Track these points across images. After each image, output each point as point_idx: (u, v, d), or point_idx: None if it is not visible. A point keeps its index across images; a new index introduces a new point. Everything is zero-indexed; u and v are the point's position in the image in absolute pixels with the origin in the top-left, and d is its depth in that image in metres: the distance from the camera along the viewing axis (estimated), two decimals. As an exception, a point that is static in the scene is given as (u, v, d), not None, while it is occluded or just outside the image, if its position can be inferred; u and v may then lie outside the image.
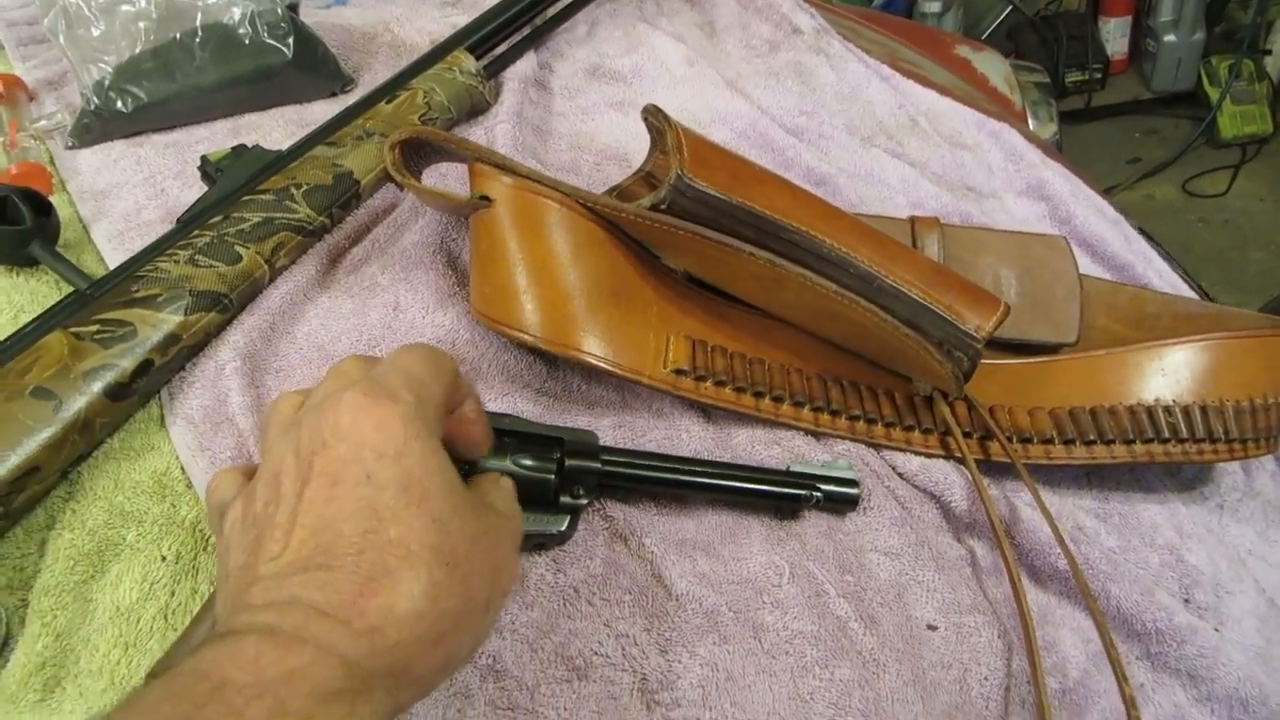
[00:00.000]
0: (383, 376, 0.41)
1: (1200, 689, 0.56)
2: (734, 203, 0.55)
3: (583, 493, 0.51)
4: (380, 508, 0.37)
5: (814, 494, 0.55)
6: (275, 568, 0.37)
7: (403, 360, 0.43)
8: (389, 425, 0.39)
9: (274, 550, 0.37)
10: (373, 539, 0.37)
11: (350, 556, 0.36)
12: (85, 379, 0.53)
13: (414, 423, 0.40)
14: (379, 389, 0.40)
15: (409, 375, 0.42)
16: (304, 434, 0.40)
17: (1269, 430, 0.63)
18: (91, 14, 0.72)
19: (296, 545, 0.37)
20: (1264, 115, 2.60)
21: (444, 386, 0.43)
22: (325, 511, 0.37)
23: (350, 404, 0.39)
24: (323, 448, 0.39)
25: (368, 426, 0.39)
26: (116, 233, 0.66)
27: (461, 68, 0.74)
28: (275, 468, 0.40)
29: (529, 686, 0.47)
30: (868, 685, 0.50)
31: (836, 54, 0.92)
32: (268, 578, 0.36)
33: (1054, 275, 0.68)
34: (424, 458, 0.39)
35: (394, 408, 0.39)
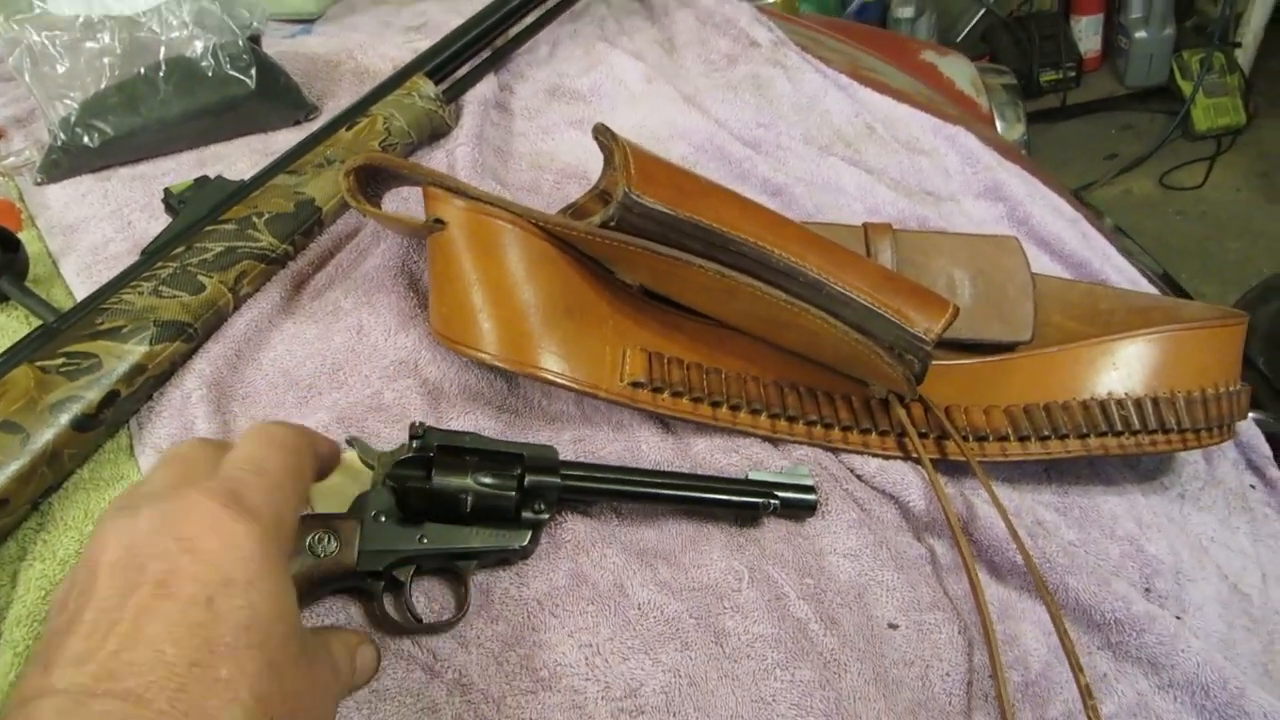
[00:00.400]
0: (240, 482, 0.38)
1: (1161, 676, 0.57)
2: (681, 217, 0.56)
3: (544, 508, 0.52)
4: (214, 641, 0.33)
5: (771, 501, 0.56)
6: (76, 678, 0.32)
7: (260, 457, 0.40)
8: (242, 548, 0.36)
9: (77, 651, 0.33)
10: (198, 674, 0.32)
11: (167, 692, 0.32)
12: (52, 411, 0.53)
13: (269, 549, 0.37)
14: (235, 499, 0.37)
15: (268, 483, 0.39)
16: (141, 526, 0.36)
17: (1222, 419, 0.64)
18: (56, 51, 0.73)
19: (106, 657, 0.32)
20: (1236, 107, 2.63)
21: (302, 490, 0.41)
22: (148, 626, 0.33)
23: (202, 511, 0.36)
24: (161, 554, 0.35)
25: (218, 544, 0.36)
26: (84, 266, 0.67)
27: (420, 92, 0.75)
28: (98, 554, 0.36)
29: (495, 699, 0.48)
30: (829, 685, 0.50)
31: (793, 65, 0.93)
32: (64, 691, 0.32)
33: (1006, 275, 0.70)
34: (273, 595, 0.36)
35: (251, 528, 0.36)
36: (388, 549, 0.49)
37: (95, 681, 0.32)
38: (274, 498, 0.39)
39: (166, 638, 0.33)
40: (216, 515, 0.36)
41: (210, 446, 0.42)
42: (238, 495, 0.38)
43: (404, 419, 0.57)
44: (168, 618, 0.33)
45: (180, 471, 0.40)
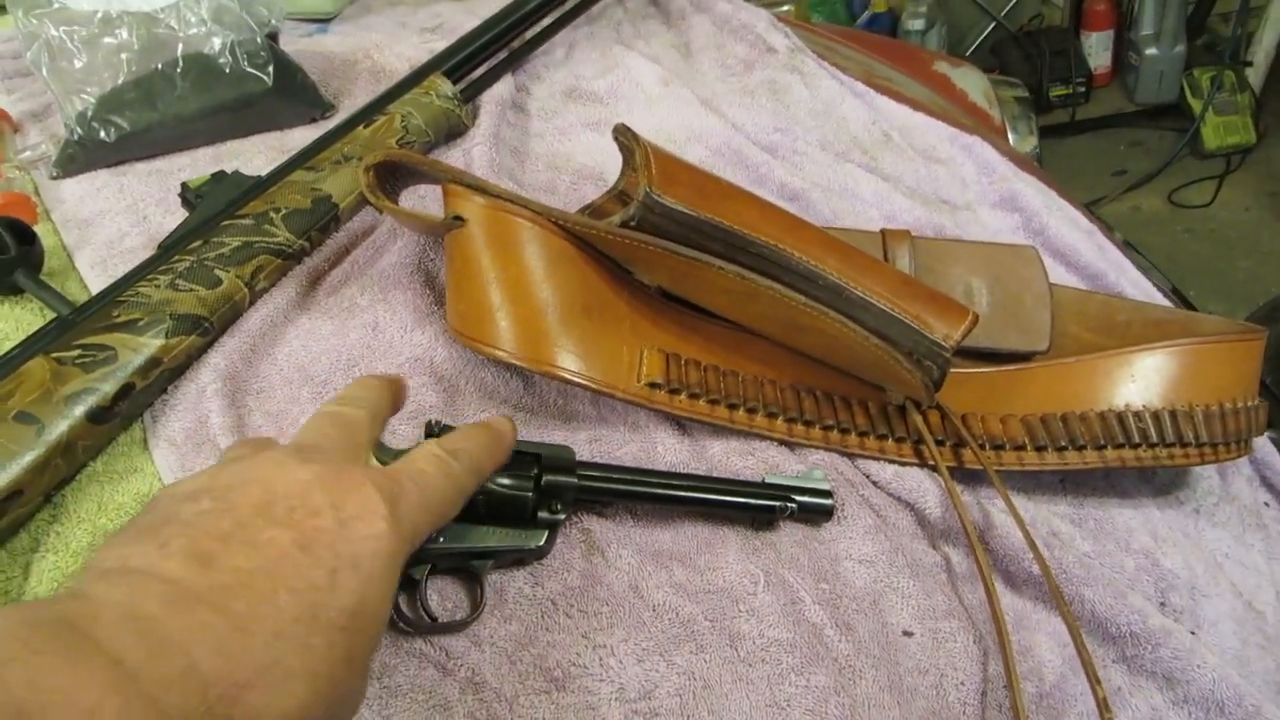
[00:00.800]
0: (404, 492, 0.40)
1: (1176, 691, 0.57)
2: (702, 218, 0.56)
3: (560, 508, 0.52)
4: (321, 609, 0.34)
5: (789, 505, 0.55)
6: (192, 575, 0.32)
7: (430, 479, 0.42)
8: (381, 548, 0.37)
9: (202, 550, 0.33)
10: (296, 631, 0.33)
11: (266, 634, 0.32)
12: (67, 403, 0.53)
13: (396, 562, 0.38)
14: (394, 503, 0.38)
15: (423, 506, 0.41)
16: (304, 475, 0.37)
17: (1239, 434, 0.63)
18: (74, 46, 0.73)
19: (228, 570, 0.33)
20: (1247, 125, 2.63)
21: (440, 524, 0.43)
22: (275, 564, 0.34)
23: (364, 496, 0.38)
24: (315, 510, 0.36)
25: (365, 532, 0.37)
26: (99, 260, 0.67)
27: (438, 92, 0.75)
28: (252, 474, 0.37)
29: (508, 698, 0.48)
30: (844, 691, 0.50)
31: (810, 72, 0.93)
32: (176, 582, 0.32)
33: (1023, 284, 0.69)
34: (381, 599, 0.37)
35: (394, 535, 0.38)
36: None
37: (208, 588, 0.32)
38: (420, 521, 0.41)
39: (286, 585, 0.34)
40: (375, 507, 0.38)
41: (372, 428, 0.45)
42: (396, 501, 0.39)
43: (419, 416, 0.57)
44: (294, 566, 0.34)
45: (347, 439, 0.43)
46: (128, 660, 0.29)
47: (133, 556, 0.33)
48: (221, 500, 0.36)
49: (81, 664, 0.28)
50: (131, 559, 0.33)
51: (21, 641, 0.28)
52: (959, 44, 2.71)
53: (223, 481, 0.37)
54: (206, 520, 0.35)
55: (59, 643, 0.28)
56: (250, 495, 0.36)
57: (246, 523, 0.35)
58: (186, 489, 0.37)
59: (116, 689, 0.28)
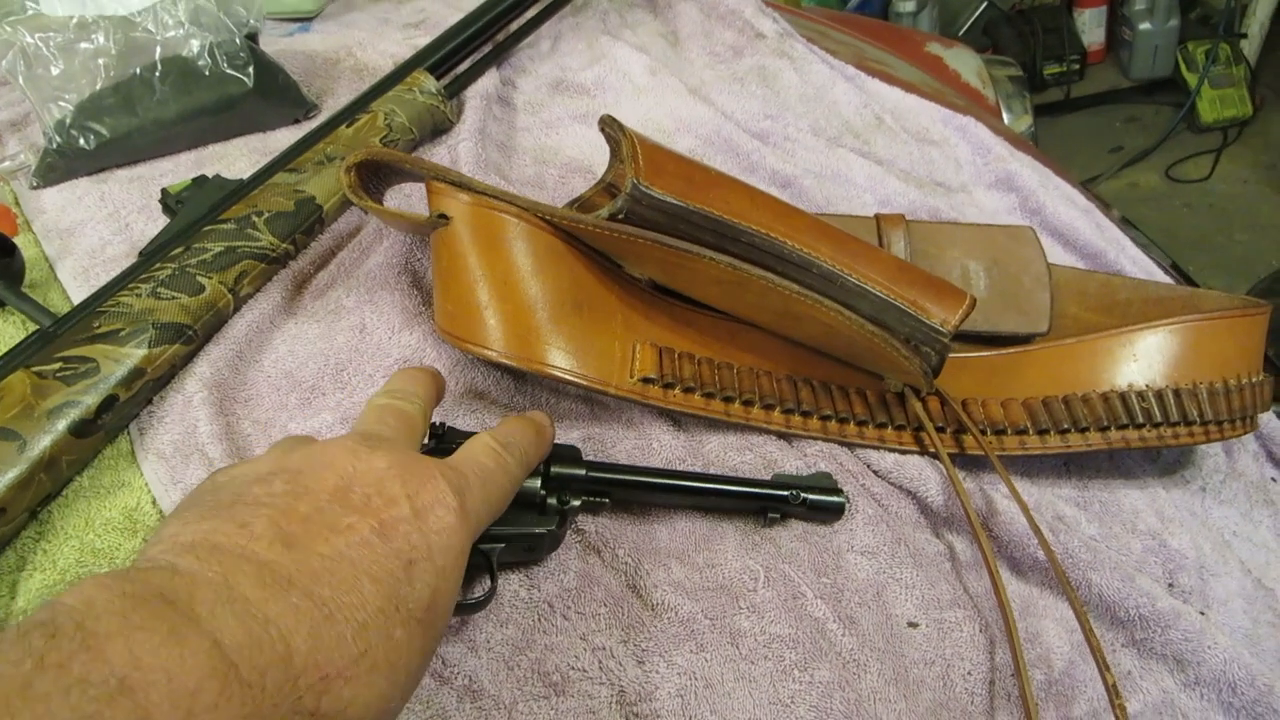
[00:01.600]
0: (469, 484, 0.40)
1: (1188, 673, 0.56)
2: (691, 208, 0.54)
3: (569, 498, 0.51)
4: (402, 601, 0.34)
5: (802, 494, 0.54)
6: (281, 557, 0.32)
7: (491, 472, 0.42)
8: (452, 541, 0.37)
9: (287, 531, 0.33)
10: (380, 622, 0.33)
11: (354, 624, 0.32)
12: (49, 417, 0.52)
13: (464, 556, 0.38)
14: (461, 496, 0.39)
15: (485, 499, 0.41)
16: (378, 464, 0.37)
17: (1244, 410, 0.62)
18: (50, 53, 0.72)
19: (314, 555, 0.33)
20: (1243, 98, 2.61)
21: (496, 516, 0.43)
22: (357, 552, 0.34)
23: (436, 488, 0.38)
24: (391, 500, 0.36)
25: (438, 524, 0.37)
26: (81, 270, 0.66)
27: (421, 88, 0.74)
28: (326, 460, 0.37)
29: (506, 705, 0.47)
30: (849, 686, 0.49)
31: (800, 56, 0.92)
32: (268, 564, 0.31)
33: (1021, 265, 0.68)
34: (450, 592, 0.37)
35: (463, 528, 0.38)
36: None
37: (298, 571, 0.32)
38: (482, 514, 0.41)
39: (368, 573, 0.33)
40: (446, 499, 0.38)
41: (425, 418, 0.45)
42: (463, 494, 0.39)
43: (409, 419, 0.56)
44: (375, 556, 0.34)
45: (408, 430, 0.43)
46: (226, 642, 0.28)
47: (216, 533, 0.32)
48: (294, 483, 0.35)
49: (183, 643, 0.27)
50: (215, 535, 0.32)
51: (121, 615, 0.27)
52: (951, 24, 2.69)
53: (293, 464, 0.37)
54: (284, 502, 0.34)
55: (160, 619, 0.28)
56: (325, 480, 0.36)
57: (324, 507, 0.35)
58: (252, 471, 0.37)
59: (216, 673, 0.27)
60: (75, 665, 0.25)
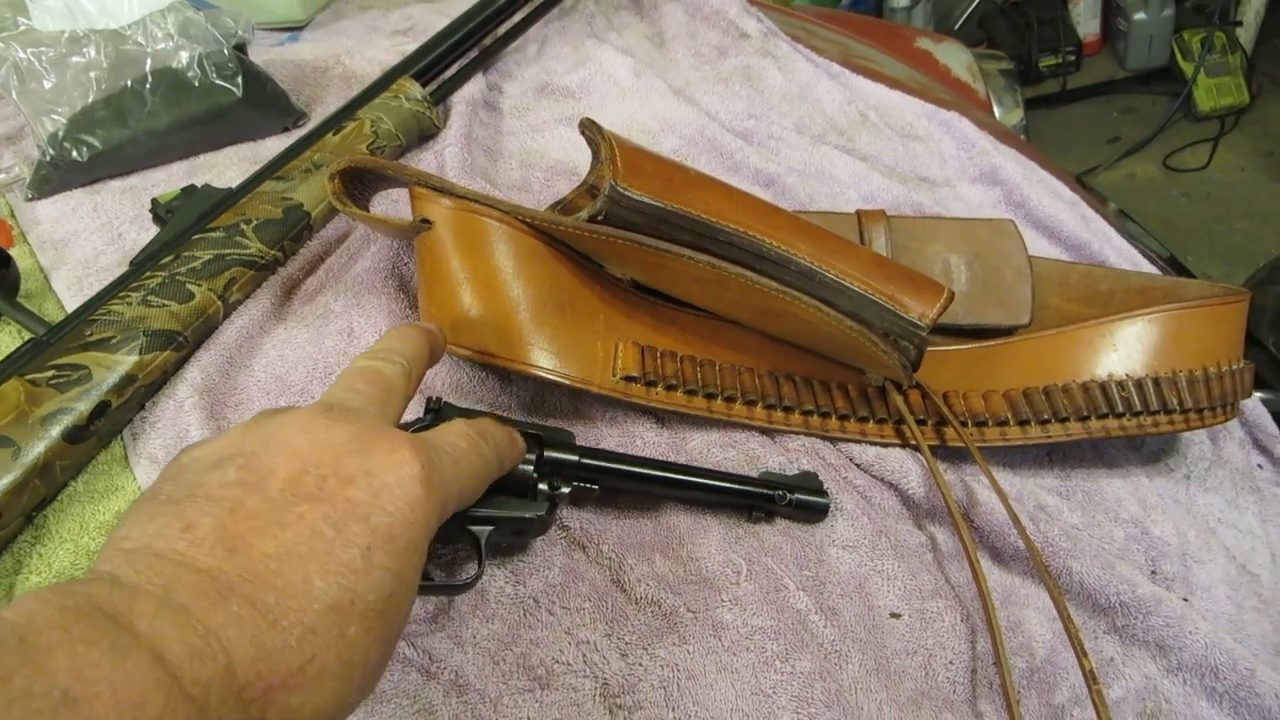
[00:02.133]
0: (440, 459, 0.38)
1: (1170, 659, 0.57)
2: (669, 208, 0.55)
3: (560, 483, 0.51)
4: (357, 594, 0.32)
5: (789, 494, 0.55)
6: (222, 563, 0.31)
7: (464, 451, 0.41)
8: (415, 516, 0.35)
9: (232, 533, 0.32)
10: (332, 621, 0.32)
11: (300, 627, 0.31)
12: (43, 424, 0.53)
13: (429, 533, 0.36)
14: (431, 469, 0.37)
15: (457, 476, 0.39)
16: (336, 437, 0.36)
17: (1225, 398, 0.63)
18: (43, 67, 0.73)
19: (258, 557, 0.31)
20: (1239, 86, 2.61)
21: (471, 498, 0.42)
22: (307, 545, 0.32)
23: (400, 459, 0.36)
24: (348, 477, 0.35)
25: (401, 499, 0.35)
26: (75, 279, 0.67)
27: (407, 95, 0.75)
28: (281, 438, 0.35)
29: (492, 699, 0.48)
30: (829, 676, 0.50)
31: (784, 55, 0.93)
32: (207, 572, 0.30)
33: (1003, 258, 0.69)
34: (414, 571, 0.35)
35: (430, 503, 0.36)
36: None
37: (240, 577, 0.31)
38: (451, 492, 0.39)
39: (318, 568, 0.32)
40: (412, 472, 0.36)
41: (407, 385, 0.43)
42: (434, 465, 0.37)
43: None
44: (327, 547, 0.32)
45: (381, 395, 0.41)
46: (167, 656, 0.28)
47: (158, 538, 0.31)
48: (248, 469, 0.34)
49: (125, 656, 0.27)
50: (156, 541, 0.31)
51: (62, 629, 0.26)
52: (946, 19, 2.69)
53: (249, 445, 0.35)
54: (233, 495, 0.33)
55: (100, 632, 0.27)
56: (278, 464, 0.34)
57: (275, 498, 0.33)
58: (211, 453, 0.35)
59: (160, 685, 0.27)
60: (17, 679, 0.25)
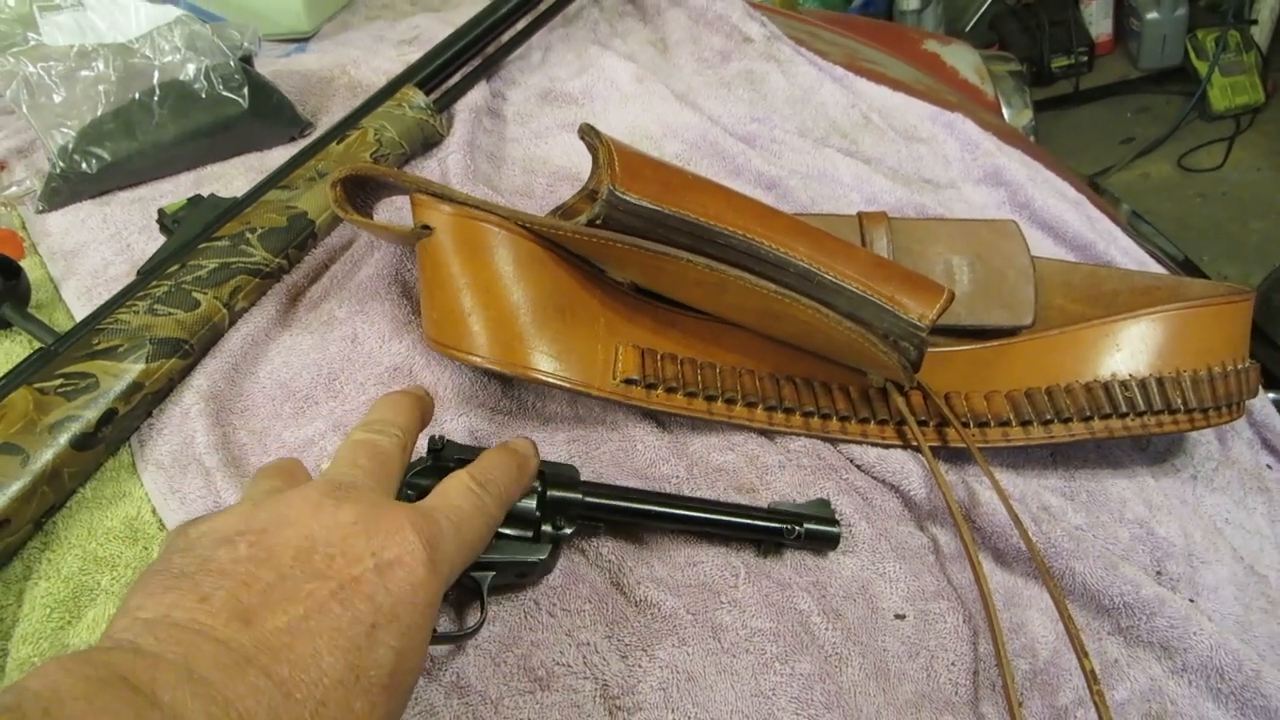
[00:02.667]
0: (442, 531, 0.39)
1: (1175, 660, 0.56)
2: (667, 212, 0.56)
3: (564, 523, 0.51)
4: (362, 669, 0.34)
5: (796, 528, 0.54)
6: (239, 635, 0.32)
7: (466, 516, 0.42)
8: (419, 596, 0.36)
9: (246, 605, 0.33)
10: (339, 695, 0.33)
11: (312, 701, 0.32)
12: (51, 432, 0.54)
13: (434, 608, 0.38)
14: (434, 546, 0.38)
15: (460, 544, 0.41)
16: (342, 519, 0.37)
17: (1230, 397, 0.63)
18: (52, 81, 0.74)
19: (271, 631, 0.32)
20: (1254, 85, 2.59)
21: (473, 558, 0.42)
22: (317, 621, 0.33)
23: (404, 539, 0.37)
24: (355, 558, 0.36)
25: (405, 580, 0.36)
26: (85, 290, 0.68)
27: (411, 103, 0.76)
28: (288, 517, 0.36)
29: (493, 700, 0.48)
30: (829, 678, 0.50)
31: (787, 59, 0.93)
32: (224, 643, 0.31)
33: (1005, 259, 0.69)
34: (419, 650, 0.37)
35: (433, 581, 0.37)
36: None
37: (256, 649, 0.32)
38: (457, 560, 0.40)
39: (327, 644, 0.33)
40: (415, 552, 0.37)
41: (403, 455, 0.45)
42: (435, 544, 0.39)
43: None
44: (335, 624, 0.34)
45: (381, 470, 0.42)
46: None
47: (175, 608, 0.33)
48: (259, 546, 0.35)
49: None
50: (175, 611, 0.32)
51: (86, 699, 0.27)
52: (956, 20, 2.68)
53: (258, 523, 0.37)
54: (245, 570, 0.34)
55: (124, 702, 0.28)
56: (288, 541, 0.36)
57: (286, 574, 0.34)
58: (221, 530, 0.36)
59: None
60: None
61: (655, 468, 0.58)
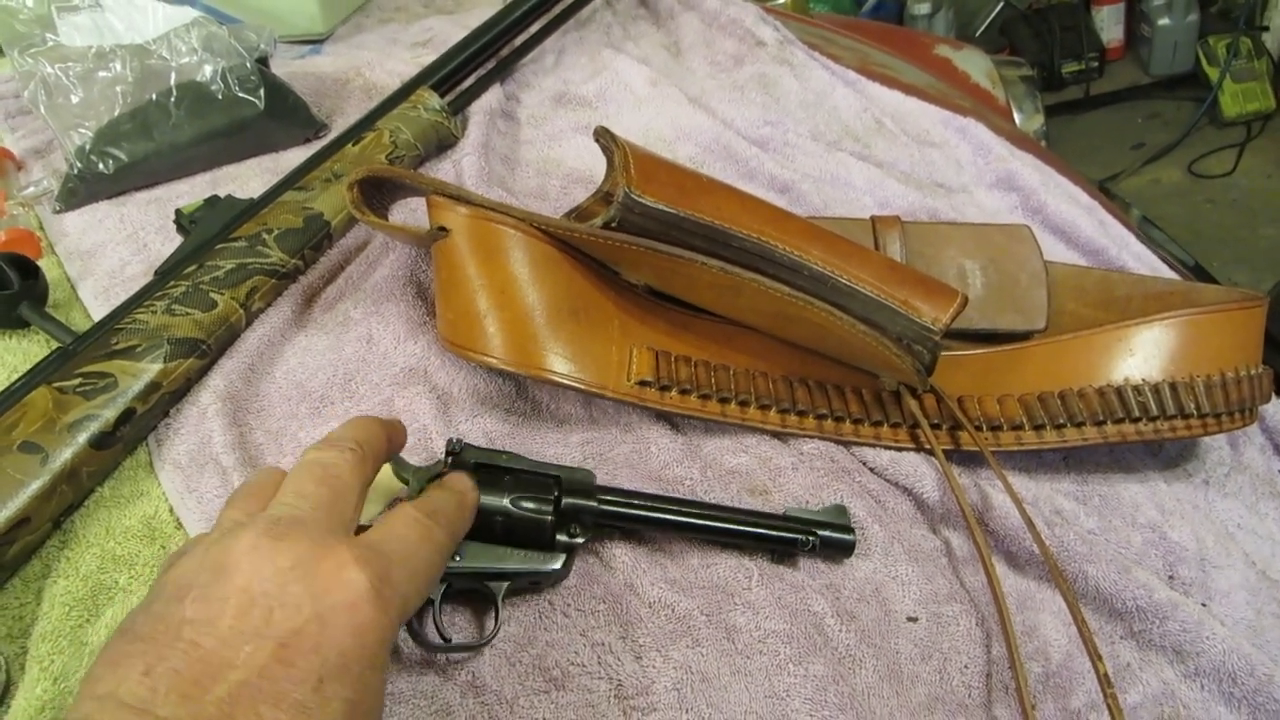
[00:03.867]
0: (389, 563, 0.39)
1: (1187, 664, 0.56)
2: (682, 215, 0.56)
3: (578, 531, 0.51)
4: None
5: (811, 538, 0.54)
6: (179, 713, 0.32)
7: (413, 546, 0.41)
8: (368, 639, 0.36)
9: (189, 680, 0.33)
10: None
11: None
12: (70, 431, 0.54)
13: (387, 643, 0.37)
14: (381, 581, 0.37)
15: (410, 574, 0.40)
16: (281, 562, 0.36)
17: (1243, 403, 0.63)
18: (70, 82, 0.75)
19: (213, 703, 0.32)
20: (1265, 92, 2.58)
21: (431, 586, 0.42)
22: (259, 685, 0.33)
23: (346, 579, 0.36)
24: (295, 608, 0.35)
25: (348, 625, 0.36)
26: (102, 289, 0.68)
27: (426, 105, 0.76)
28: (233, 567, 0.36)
29: (508, 699, 0.48)
30: (843, 680, 0.50)
31: (800, 63, 0.93)
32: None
33: (1018, 263, 0.69)
34: (374, 691, 0.36)
35: (382, 619, 0.37)
36: None
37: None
38: (409, 592, 0.40)
39: (269, 707, 0.33)
40: (360, 592, 0.36)
41: (360, 474, 0.43)
42: (384, 578, 0.38)
43: (414, 425, 0.58)
44: (277, 687, 0.33)
45: (331, 497, 0.41)
46: None
47: (123, 684, 0.33)
48: (201, 602, 0.35)
49: None
50: (121, 688, 0.33)
51: None
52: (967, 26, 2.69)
53: (205, 573, 0.37)
54: (189, 636, 0.34)
55: None
56: (227, 597, 0.35)
57: (225, 637, 0.34)
58: (179, 578, 0.37)
59: None
60: None
61: (669, 470, 0.58)
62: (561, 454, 0.58)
